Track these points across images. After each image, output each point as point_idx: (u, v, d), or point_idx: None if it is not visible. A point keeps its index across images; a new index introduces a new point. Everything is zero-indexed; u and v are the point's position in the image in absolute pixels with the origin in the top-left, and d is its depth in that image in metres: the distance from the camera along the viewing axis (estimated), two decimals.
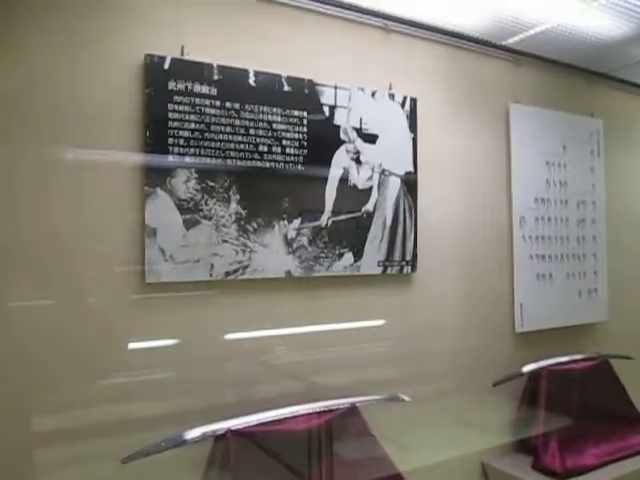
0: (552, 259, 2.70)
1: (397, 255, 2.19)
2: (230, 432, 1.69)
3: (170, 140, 1.73)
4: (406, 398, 2.07)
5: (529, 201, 2.63)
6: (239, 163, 1.85)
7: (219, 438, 1.72)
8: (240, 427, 1.71)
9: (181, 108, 1.75)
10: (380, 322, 2.21)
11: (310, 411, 1.85)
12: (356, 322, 2.14)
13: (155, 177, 1.71)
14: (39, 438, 1.60)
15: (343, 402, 1.92)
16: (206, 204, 1.78)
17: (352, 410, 1.92)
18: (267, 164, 1.90)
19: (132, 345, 1.72)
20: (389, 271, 2.17)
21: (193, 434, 1.65)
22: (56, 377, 1.61)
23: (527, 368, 2.49)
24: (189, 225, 1.75)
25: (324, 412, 1.87)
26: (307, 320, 2.03)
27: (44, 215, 1.60)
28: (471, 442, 2.45)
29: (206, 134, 1.79)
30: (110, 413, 1.67)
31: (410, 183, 2.23)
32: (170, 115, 1.73)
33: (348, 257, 2.07)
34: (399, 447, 2.03)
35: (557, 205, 2.73)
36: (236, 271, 1.84)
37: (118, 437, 1.65)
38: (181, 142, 1.75)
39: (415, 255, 2.24)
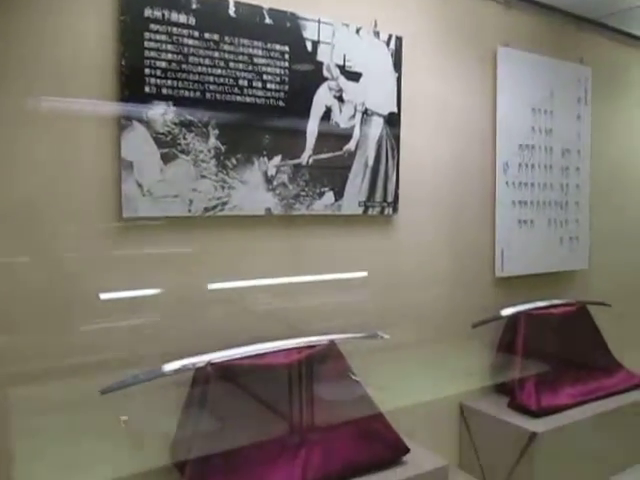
0: (534, 206, 2.70)
1: (378, 196, 2.18)
2: (210, 365, 1.70)
3: (147, 71, 1.68)
4: (385, 335, 2.10)
5: (513, 147, 2.62)
6: (218, 97, 1.81)
7: (199, 371, 1.74)
8: (220, 360, 1.73)
9: (158, 37, 1.70)
10: (360, 263, 2.21)
11: (290, 346, 1.87)
12: (336, 262, 2.14)
13: (131, 109, 1.67)
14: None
15: (323, 339, 1.94)
16: (184, 138, 1.75)
17: (331, 347, 1.94)
18: (247, 99, 1.87)
19: (110, 281, 1.70)
20: (370, 212, 2.17)
21: (172, 366, 1.66)
22: (34, 316, 1.60)
23: (506, 312, 2.53)
24: (167, 159, 1.72)
25: (304, 348, 1.89)
26: (287, 259, 2.03)
27: (17, 160, 1.55)
28: (450, 385, 2.49)
29: (184, 66, 1.74)
30: (88, 352, 1.66)
31: (393, 124, 2.20)
32: (146, 44, 1.68)
33: (329, 196, 2.06)
34: (379, 389, 2.06)
35: (542, 152, 2.72)
36: (215, 207, 1.82)
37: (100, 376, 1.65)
38: (158, 73, 1.70)
39: (397, 196, 2.23)
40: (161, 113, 1.69)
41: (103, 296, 1.68)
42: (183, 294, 1.81)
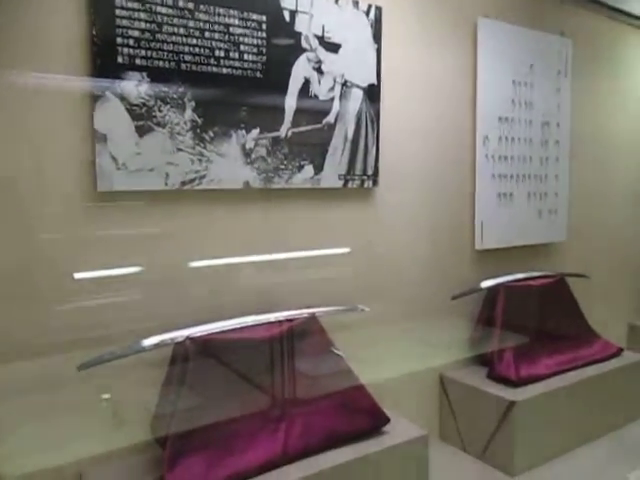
0: (514, 179, 2.71)
1: (358, 169, 2.17)
2: (189, 339, 1.70)
3: (119, 40, 1.63)
4: (365, 308, 2.11)
5: (493, 120, 2.61)
6: (194, 68, 1.77)
7: (178, 346, 1.73)
8: (199, 334, 1.72)
9: (130, 5, 1.64)
10: (340, 236, 2.20)
11: (270, 320, 1.87)
12: (317, 236, 2.13)
13: (104, 79, 1.62)
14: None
15: (303, 312, 1.94)
16: (159, 110, 1.71)
17: (312, 320, 1.94)
18: (224, 70, 1.83)
19: (86, 258, 1.67)
20: (350, 185, 2.16)
21: (151, 341, 1.65)
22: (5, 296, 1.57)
23: (485, 284, 2.55)
24: (142, 132, 1.68)
25: (284, 321, 1.89)
26: (267, 233, 2.01)
27: None
28: (431, 357, 2.52)
29: (158, 35, 1.70)
30: (65, 331, 1.64)
31: (373, 96, 2.18)
32: (118, 12, 1.62)
33: (308, 169, 2.04)
34: (360, 362, 2.06)
35: (521, 125, 2.73)
36: (192, 181, 1.79)
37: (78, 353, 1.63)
38: (131, 43, 1.65)
39: (377, 169, 2.22)
40: (135, 84, 1.65)
41: (80, 275, 1.66)
42: (161, 270, 1.79)
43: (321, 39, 2.03)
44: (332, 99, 2.08)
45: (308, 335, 1.93)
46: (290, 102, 1.98)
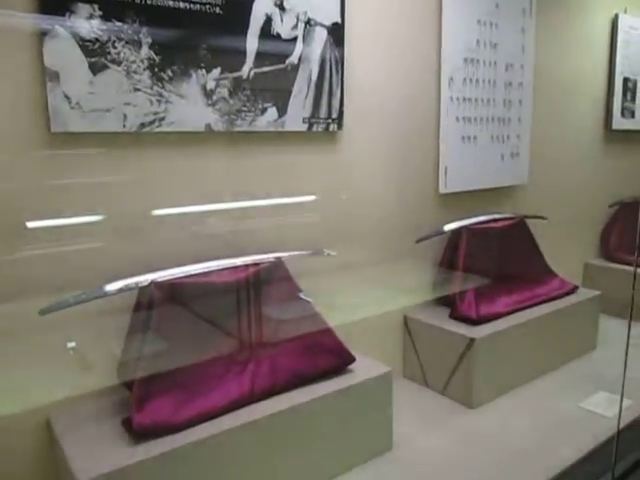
0: (478, 122, 2.72)
1: (323, 112, 2.14)
2: (154, 284, 1.69)
3: None
4: (332, 253, 2.12)
5: (458, 61, 2.59)
6: (149, 2, 1.68)
7: (143, 291, 1.72)
8: (164, 279, 1.71)
9: None
10: (306, 181, 2.19)
11: (236, 264, 1.87)
12: (282, 180, 2.11)
13: (52, 12, 1.53)
14: None
15: (269, 256, 1.94)
16: (114, 47, 1.63)
17: (278, 264, 1.95)
18: (180, 4, 1.74)
19: (40, 203, 1.61)
20: (315, 128, 2.12)
21: (114, 286, 1.64)
22: None
23: (448, 227, 2.59)
24: (96, 70, 1.61)
25: (250, 265, 1.89)
26: (230, 178, 1.98)
27: None
28: (396, 300, 2.58)
29: None
30: (22, 280, 1.60)
31: (337, 35, 2.12)
32: None
33: (272, 112, 1.99)
34: (325, 307, 2.09)
35: (486, 67, 2.71)
36: (152, 123, 1.74)
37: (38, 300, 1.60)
38: None
39: (341, 113, 2.19)
40: (86, 17, 1.56)
41: (34, 224, 1.61)
42: (121, 217, 1.75)
43: None
44: (295, 38, 2.02)
45: (274, 279, 1.94)
46: (252, 41, 1.91)
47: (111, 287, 1.62)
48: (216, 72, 1.84)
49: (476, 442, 2.08)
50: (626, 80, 3.67)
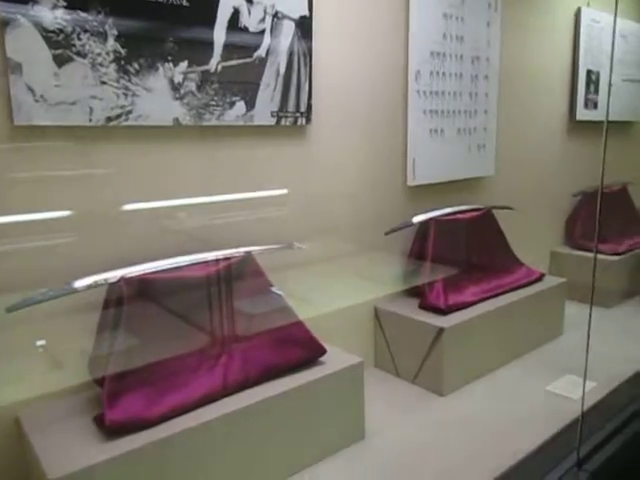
0: (445, 114, 2.75)
1: (291, 106, 2.14)
2: (124, 280, 1.68)
3: None
4: (302, 246, 2.14)
5: (425, 54, 2.61)
6: None
7: (113, 287, 1.71)
8: (134, 274, 1.70)
9: None
10: (275, 175, 2.19)
11: (207, 259, 1.87)
12: (251, 175, 2.11)
13: (14, 1, 1.49)
14: None
15: (239, 250, 1.95)
16: (79, 38, 1.60)
17: (248, 258, 1.95)
18: None
19: (3, 198, 1.58)
20: (283, 122, 2.13)
21: (83, 282, 1.62)
22: None
23: (417, 219, 2.63)
24: (61, 62, 1.58)
25: (221, 260, 1.89)
26: (199, 172, 1.97)
27: None
28: (366, 292, 2.61)
29: None
30: None
31: (305, 28, 2.13)
32: None
33: (240, 106, 1.99)
34: (296, 300, 2.10)
35: (452, 60, 2.75)
36: (119, 117, 1.72)
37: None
38: None
39: (310, 106, 2.20)
40: (49, 7, 1.53)
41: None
42: (89, 211, 1.73)
43: None
44: (263, 31, 2.02)
45: (245, 273, 1.94)
46: (219, 34, 1.90)
47: (80, 283, 1.61)
48: (183, 65, 1.83)
49: (446, 428, 2.12)
50: (589, 72, 3.76)
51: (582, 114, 3.74)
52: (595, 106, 3.85)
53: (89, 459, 1.42)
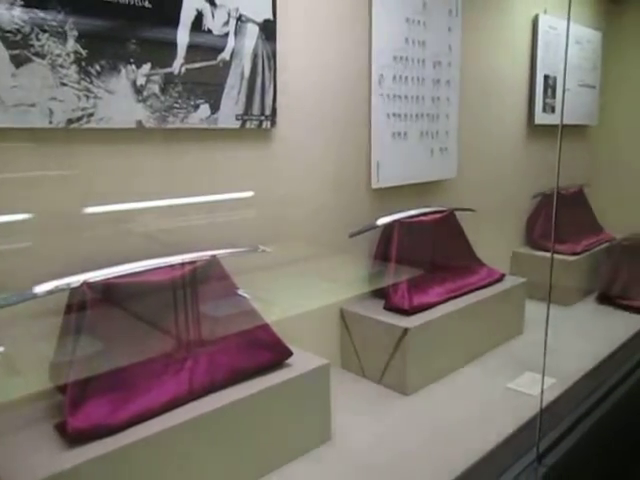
0: (407, 118, 2.80)
1: (256, 109, 2.14)
2: (86, 285, 1.65)
3: None
4: (267, 249, 2.14)
5: (388, 59, 2.65)
6: None
7: (75, 292, 1.68)
8: (97, 279, 1.68)
9: None
10: (240, 179, 2.19)
11: (171, 263, 1.85)
12: (216, 178, 2.11)
13: None
14: None
15: (204, 254, 1.94)
16: (37, 39, 1.57)
17: (214, 262, 1.95)
18: None
19: None
20: (248, 125, 2.13)
21: (44, 287, 1.59)
22: None
23: (381, 221, 2.66)
24: (18, 62, 1.54)
25: (186, 264, 1.88)
26: (163, 175, 1.96)
27: None
28: (332, 294, 2.62)
29: None
30: None
31: (269, 32, 2.13)
32: None
33: (204, 109, 1.98)
34: (264, 302, 2.11)
35: (415, 64, 2.79)
36: (80, 119, 1.69)
37: None
38: None
39: (274, 110, 2.20)
40: (6, 7, 1.50)
41: None
42: (50, 214, 1.70)
43: None
44: (227, 34, 2.01)
45: (210, 277, 1.93)
46: (182, 36, 1.89)
47: (40, 289, 1.58)
48: (146, 68, 1.81)
49: (410, 427, 2.16)
50: (546, 77, 3.87)
51: (540, 118, 3.85)
52: (553, 110, 3.96)
53: (51, 468, 1.39)
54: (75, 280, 1.64)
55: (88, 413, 1.54)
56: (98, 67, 1.70)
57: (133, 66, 1.78)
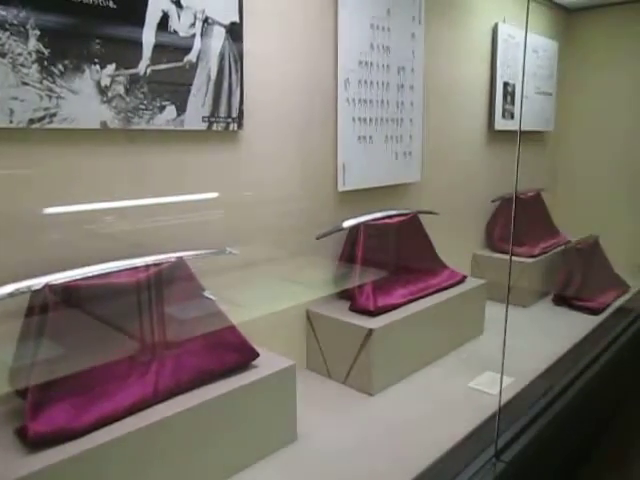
0: (373, 122, 2.84)
1: (223, 111, 2.15)
2: (48, 287, 1.62)
3: None
4: (233, 251, 2.14)
5: (354, 64, 2.69)
6: None
7: (36, 294, 1.65)
8: (60, 281, 1.65)
9: None
10: (207, 181, 2.19)
11: (136, 265, 1.84)
12: (182, 180, 2.10)
13: None
14: None
15: (170, 256, 1.93)
16: None
17: (180, 263, 1.94)
18: None
19: None
20: (214, 127, 2.13)
21: (4, 290, 1.55)
22: None
23: (347, 223, 2.69)
24: None
25: (151, 265, 1.87)
26: (128, 177, 1.94)
27: None
28: (298, 295, 2.64)
29: None
30: None
31: (235, 34, 2.14)
32: None
33: (170, 110, 1.98)
34: (231, 303, 2.11)
35: (379, 69, 2.84)
36: (42, 119, 1.66)
37: None
38: None
39: (241, 112, 2.21)
40: None
41: None
42: (10, 215, 1.66)
43: None
44: (193, 36, 2.01)
45: (176, 279, 1.93)
46: (148, 37, 1.88)
47: (0, 291, 1.54)
48: (111, 68, 1.80)
49: (374, 428, 2.19)
50: (506, 84, 3.98)
51: (500, 124, 3.96)
52: (512, 116, 4.08)
53: (10, 473, 1.36)
54: (37, 282, 1.61)
55: (50, 417, 1.52)
56: (61, 67, 1.68)
57: (97, 66, 1.76)
